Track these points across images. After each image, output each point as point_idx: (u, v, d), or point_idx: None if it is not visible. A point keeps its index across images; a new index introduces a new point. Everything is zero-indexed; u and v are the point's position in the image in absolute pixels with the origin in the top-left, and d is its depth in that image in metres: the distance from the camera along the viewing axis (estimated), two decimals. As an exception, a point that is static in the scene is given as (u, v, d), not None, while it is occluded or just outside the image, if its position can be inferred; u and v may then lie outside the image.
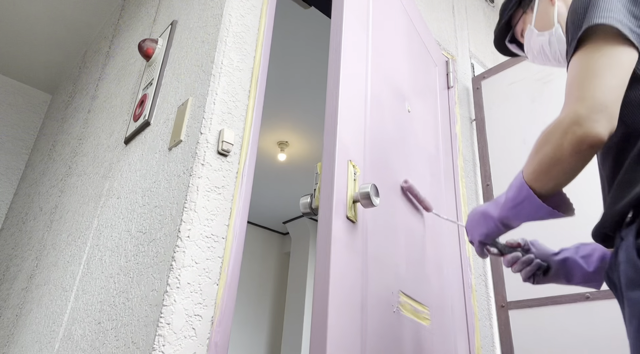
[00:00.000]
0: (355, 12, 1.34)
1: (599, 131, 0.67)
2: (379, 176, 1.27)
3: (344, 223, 1.05)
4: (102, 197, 1.73)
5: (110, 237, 1.49)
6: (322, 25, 3.04)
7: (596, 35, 0.73)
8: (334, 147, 1.09)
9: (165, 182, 1.31)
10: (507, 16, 1.13)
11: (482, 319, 1.74)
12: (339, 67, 1.19)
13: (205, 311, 1.10)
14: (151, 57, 1.78)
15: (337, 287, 0.96)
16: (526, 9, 1.09)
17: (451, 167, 1.88)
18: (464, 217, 1.85)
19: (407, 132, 1.53)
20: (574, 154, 0.70)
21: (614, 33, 0.72)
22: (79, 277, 1.58)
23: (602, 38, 0.72)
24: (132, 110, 1.81)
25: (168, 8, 1.96)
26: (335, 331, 0.92)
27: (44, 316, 1.70)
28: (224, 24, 1.41)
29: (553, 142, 0.71)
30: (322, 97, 3.77)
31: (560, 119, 0.71)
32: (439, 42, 2.23)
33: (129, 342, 1.10)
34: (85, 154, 2.17)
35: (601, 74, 0.70)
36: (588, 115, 0.68)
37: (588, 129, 0.68)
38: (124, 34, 2.46)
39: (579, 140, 0.68)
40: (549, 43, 1.04)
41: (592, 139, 0.68)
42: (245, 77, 1.41)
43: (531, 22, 1.07)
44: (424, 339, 1.28)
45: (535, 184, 0.76)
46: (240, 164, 1.29)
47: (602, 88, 0.69)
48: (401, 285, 1.25)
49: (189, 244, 1.12)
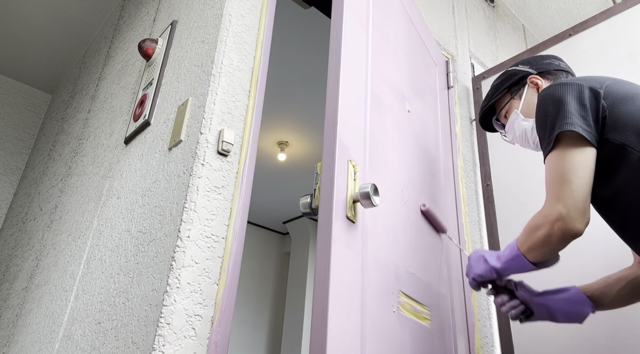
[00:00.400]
0: (355, 12, 1.35)
1: (578, 227, 0.92)
2: (379, 176, 1.27)
3: (344, 223, 1.05)
4: (102, 197, 1.73)
5: (110, 237, 1.49)
6: (322, 25, 3.04)
7: (564, 139, 0.97)
8: (334, 147, 1.09)
9: (165, 182, 1.31)
10: (496, 98, 1.30)
11: (482, 319, 1.74)
12: (339, 67, 1.19)
13: (205, 311, 1.10)
14: (151, 57, 1.78)
15: (337, 287, 0.96)
16: (515, 95, 1.27)
17: (451, 167, 1.88)
18: (465, 217, 1.85)
19: (407, 132, 1.53)
20: (560, 242, 0.94)
21: (576, 136, 0.96)
22: (79, 277, 1.58)
23: (568, 141, 0.97)
24: (132, 110, 1.82)
25: (168, 8, 1.96)
26: (335, 331, 0.92)
27: (44, 316, 1.70)
28: (224, 24, 1.41)
29: (543, 231, 0.95)
30: (322, 97, 3.77)
31: (546, 214, 0.95)
32: (439, 42, 2.23)
33: (129, 342, 1.10)
34: (85, 154, 2.17)
35: (571, 179, 0.93)
36: (568, 214, 0.92)
37: (569, 225, 0.92)
38: (124, 34, 2.46)
39: (563, 233, 0.92)
40: (531, 129, 1.20)
41: (574, 232, 0.92)
42: (245, 77, 1.41)
43: (518, 108, 1.24)
44: (424, 339, 1.28)
45: (529, 255, 1.00)
46: (240, 164, 1.30)
47: (574, 190, 0.92)
48: (401, 285, 1.25)
49: (189, 244, 1.12)
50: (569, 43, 1.92)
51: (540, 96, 1.06)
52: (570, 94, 0.99)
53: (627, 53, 1.73)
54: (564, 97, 0.99)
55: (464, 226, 1.81)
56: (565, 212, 0.91)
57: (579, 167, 0.94)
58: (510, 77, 1.28)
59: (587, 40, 1.86)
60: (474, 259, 1.13)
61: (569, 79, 1.04)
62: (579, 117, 0.97)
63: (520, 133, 1.23)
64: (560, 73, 1.23)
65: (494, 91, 1.31)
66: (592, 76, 1.06)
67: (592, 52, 1.82)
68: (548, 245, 0.96)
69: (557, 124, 0.98)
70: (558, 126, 0.97)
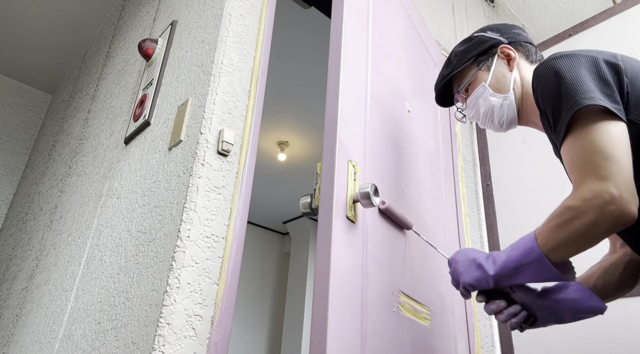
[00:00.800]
0: (355, 12, 1.34)
1: (634, 210, 0.73)
2: (379, 176, 1.27)
3: (344, 223, 1.05)
4: (102, 197, 1.73)
5: (110, 237, 1.49)
6: (322, 25, 3.04)
7: (587, 115, 0.79)
8: (334, 147, 1.09)
9: (165, 182, 1.31)
10: (461, 67, 1.14)
11: (482, 319, 1.74)
12: (339, 67, 1.19)
13: (205, 311, 1.10)
14: (151, 57, 1.78)
15: (337, 287, 0.96)
16: (482, 66, 1.12)
17: (451, 167, 1.88)
18: (465, 217, 1.85)
19: (407, 132, 1.53)
20: (608, 231, 0.75)
21: (602, 111, 0.79)
22: (79, 277, 1.58)
23: (594, 117, 0.79)
24: (132, 110, 1.81)
25: (168, 8, 1.96)
26: (335, 331, 0.92)
27: (44, 316, 1.70)
28: (224, 24, 1.41)
29: (588, 219, 0.75)
30: (322, 97, 3.77)
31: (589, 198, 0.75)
32: (439, 42, 2.23)
33: (129, 342, 1.10)
34: (85, 154, 2.17)
35: (614, 154, 0.75)
36: (620, 195, 0.73)
37: (625, 208, 0.73)
38: (124, 34, 2.46)
39: (616, 219, 0.73)
40: (500, 106, 1.08)
41: (629, 217, 0.73)
42: (245, 77, 1.41)
43: (486, 80, 1.10)
44: (424, 339, 1.28)
45: (553, 255, 0.79)
46: (240, 164, 1.29)
47: (622, 167, 0.75)
48: (401, 285, 1.25)
49: (189, 244, 1.12)
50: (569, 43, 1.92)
51: (542, 72, 0.89)
52: (585, 67, 0.84)
53: (627, 53, 1.73)
54: (579, 71, 0.83)
55: (464, 226, 1.81)
56: (617, 193, 0.73)
57: (619, 141, 0.77)
58: (479, 45, 1.13)
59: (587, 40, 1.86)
60: (463, 264, 0.92)
61: (573, 51, 0.89)
62: (604, 94, 0.80)
63: (485, 110, 1.10)
64: (531, 47, 1.12)
65: (459, 60, 1.15)
66: (598, 49, 0.90)
67: (592, 52, 1.82)
68: (589, 238, 0.76)
69: (577, 98, 0.80)
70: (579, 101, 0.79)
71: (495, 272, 0.86)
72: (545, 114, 0.89)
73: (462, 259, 0.93)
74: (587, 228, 0.75)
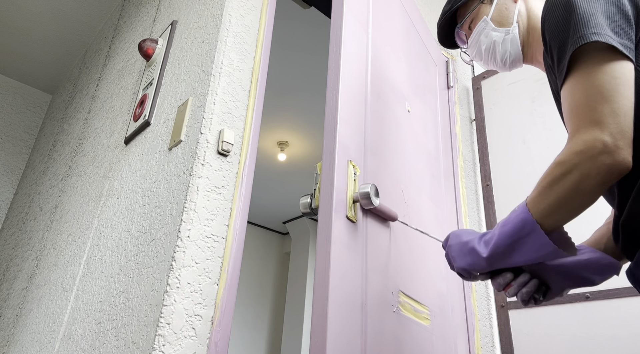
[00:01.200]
0: (355, 12, 1.35)
1: (628, 159, 0.66)
2: (379, 175, 1.27)
3: (344, 223, 1.05)
4: (102, 197, 1.73)
5: (111, 237, 1.49)
6: (322, 25, 3.04)
7: (592, 52, 0.71)
8: (334, 147, 1.09)
9: (165, 182, 1.31)
10: (462, 2, 1.07)
11: (482, 319, 1.74)
12: (339, 67, 1.19)
13: (205, 311, 1.10)
14: (151, 57, 1.78)
15: (337, 287, 0.96)
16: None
17: (451, 167, 1.88)
18: (465, 217, 1.85)
19: (407, 132, 1.53)
20: (601, 184, 0.67)
21: (608, 49, 0.71)
22: (79, 277, 1.58)
23: (599, 55, 0.71)
24: (132, 110, 1.82)
25: (168, 8, 1.96)
26: (335, 331, 0.92)
27: (44, 316, 1.70)
28: (224, 24, 1.41)
29: (578, 172, 0.68)
30: (322, 97, 3.77)
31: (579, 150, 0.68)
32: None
33: (129, 342, 1.10)
34: (85, 154, 2.17)
35: (613, 97, 0.68)
36: (614, 142, 0.66)
37: (618, 157, 0.66)
38: (124, 34, 2.46)
39: (609, 169, 0.66)
40: (502, 41, 1.01)
41: (622, 167, 0.66)
42: (245, 77, 1.41)
43: (488, 14, 1.03)
44: (424, 339, 1.28)
45: (548, 220, 0.71)
46: (240, 164, 1.30)
47: (619, 113, 0.67)
48: (401, 285, 1.25)
49: (189, 244, 1.12)
50: (569, 43, 1.91)
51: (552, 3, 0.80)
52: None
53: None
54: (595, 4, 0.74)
55: (464, 226, 1.81)
56: (610, 140, 0.66)
57: (623, 85, 0.69)
58: None
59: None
60: (455, 248, 0.85)
61: None
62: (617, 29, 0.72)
63: (487, 46, 1.03)
64: None
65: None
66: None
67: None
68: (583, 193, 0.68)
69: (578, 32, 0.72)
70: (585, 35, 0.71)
71: (489, 254, 0.78)
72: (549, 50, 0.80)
73: (455, 243, 0.86)
74: (578, 183, 0.68)
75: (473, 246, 0.82)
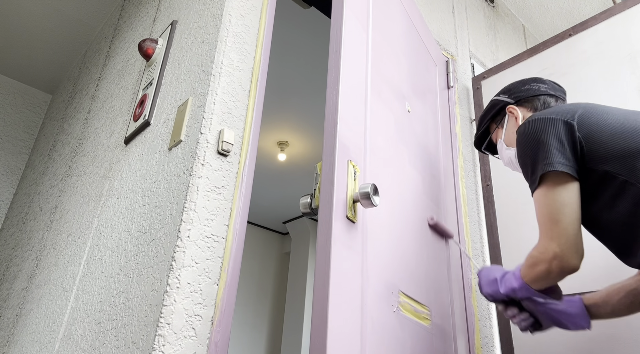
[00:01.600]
0: (355, 12, 1.34)
1: (574, 263, 0.97)
2: (379, 176, 1.27)
3: (344, 223, 1.05)
4: (102, 197, 1.73)
5: (110, 237, 1.49)
6: (322, 25, 3.04)
7: (546, 178, 1.01)
8: (334, 147, 1.09)
9: (165, 182, 1.31)
10: (483, 128, 1.38)
11: (482, 319, 1.74)
12: (339, 67, 1.19)
13: (205, 311, 1.10)
14: (151, 57, 1.78)
15: (337, 287, 0.96)
16: (498, 125, 1.33)
17: (451, 167, 1.88)
18: (465, 217, 1.85)
19: (407, 132, 1.53)
20: (559, 276, 1.00)
21: (557, 174, 1.00)
22: (79, 277, 1.58)
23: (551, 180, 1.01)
24: (132, 110, 1.82)
25: (168, 8, 1.96)
26: (335, 331, 0.92)
27: (44, 316, 1.70)
28: (224, 24, 1.41)
29: (542, 268, 1.00)
30: (322, 97, 3.77)
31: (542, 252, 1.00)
32: (439, 42, 2.23)
33: (129, 342, 1.10)
34: (85, 154, 2.17)
35: (560, 217, 0.98)
36: (562, 252, 0.97)
37: (565, 263, 0.97)
38: (124, 34, 2.46)
39: (561, 270, 0.98)
40: (515, 156, 1.25)
41: (571, 268, 0.97)
42: (245, 77, 1.41)
43: (501, 137, 1.30)
44: (424, 339, 1.28)
45: (533, 285, 1.05)
46: (240, 164, 1.30)
47: (564, 228, 0.97)
48: (401, 285, 1.25)
49: (189, 244, 1.12)
50: (569, 43, 1.92)
51: (518, 134, 1.10)
52: (545, 131, 1.04)
53: (627, 53, 1.73)
54: (540, 135, 1.04)
55: (464, 226, 1.81)
56: (559, 251, 0.97)
57: (565, 205, 0.99)
58: (492, 108, 1.34)
59: (587, 40, 1.86)
60: (484, 278, 1.17)
61: (542, 113, 1.08)
62: (558, 153, 1.01)
63: (507, 161, 1.30)
64: (537, 99, 1.25)
65: (480, 122, 1.39)
66: (565, 106, 1.10)
67: (592, 52, 1.82)
68: (548, 279, 1.01)
69: (539, 164, 1.02)
70: (540, 166, 1.02)
71: (504, 292, 1.11)
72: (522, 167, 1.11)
73: (485, 274, 1.18)
74: (544, 274, 1.00)
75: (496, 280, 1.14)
